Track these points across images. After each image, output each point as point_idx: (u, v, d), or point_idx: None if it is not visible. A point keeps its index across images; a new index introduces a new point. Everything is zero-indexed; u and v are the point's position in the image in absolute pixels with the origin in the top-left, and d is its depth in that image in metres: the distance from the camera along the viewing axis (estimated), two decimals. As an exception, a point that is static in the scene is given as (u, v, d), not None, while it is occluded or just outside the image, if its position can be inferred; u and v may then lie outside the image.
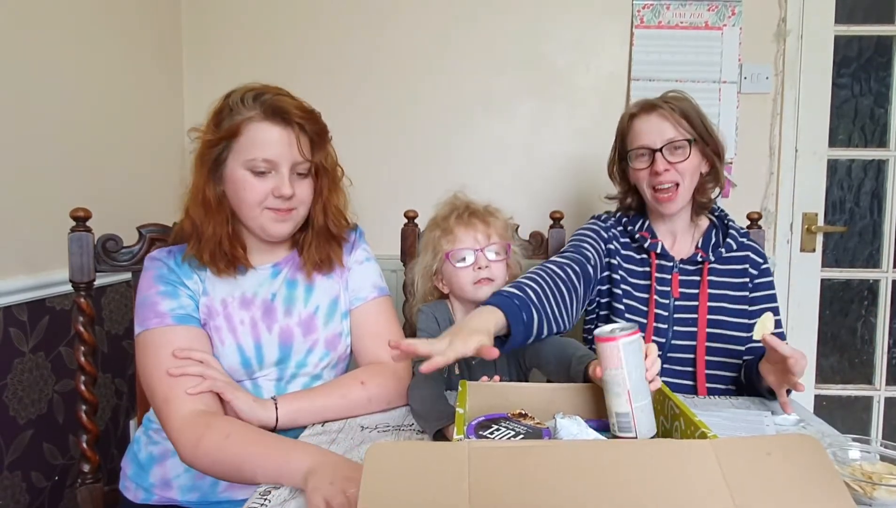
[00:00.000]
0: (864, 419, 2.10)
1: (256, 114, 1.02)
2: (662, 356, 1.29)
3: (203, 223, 1.04)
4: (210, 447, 0.91)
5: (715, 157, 1.31)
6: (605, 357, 0.82)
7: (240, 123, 1.01)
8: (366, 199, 1.86)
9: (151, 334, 1.00)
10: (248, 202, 1.03)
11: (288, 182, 1.03)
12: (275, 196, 1.03)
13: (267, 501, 0.79)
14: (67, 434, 1.51)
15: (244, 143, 1.02)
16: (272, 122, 1.02)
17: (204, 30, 2.02)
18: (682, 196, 1.28)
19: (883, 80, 2.03)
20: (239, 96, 1.03)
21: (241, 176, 1.03)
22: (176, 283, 1.05)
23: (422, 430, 1.01)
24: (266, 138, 1.02)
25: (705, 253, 1.31)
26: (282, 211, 1.05)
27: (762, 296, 1.31)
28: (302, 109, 1.05)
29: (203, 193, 1.04)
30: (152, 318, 1.01)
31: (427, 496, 0.57)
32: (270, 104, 1.02)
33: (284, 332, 1.09)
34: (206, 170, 1.04)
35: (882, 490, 0.77)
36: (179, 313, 1.02)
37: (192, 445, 0.92)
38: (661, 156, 1.26)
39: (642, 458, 0.61)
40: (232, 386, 1.01)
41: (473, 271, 1.22)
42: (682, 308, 1.30)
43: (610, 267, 1.34)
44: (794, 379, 1.03)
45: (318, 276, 1.16)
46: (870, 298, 2.09)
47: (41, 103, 1.44)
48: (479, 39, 1.99)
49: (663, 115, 1.27)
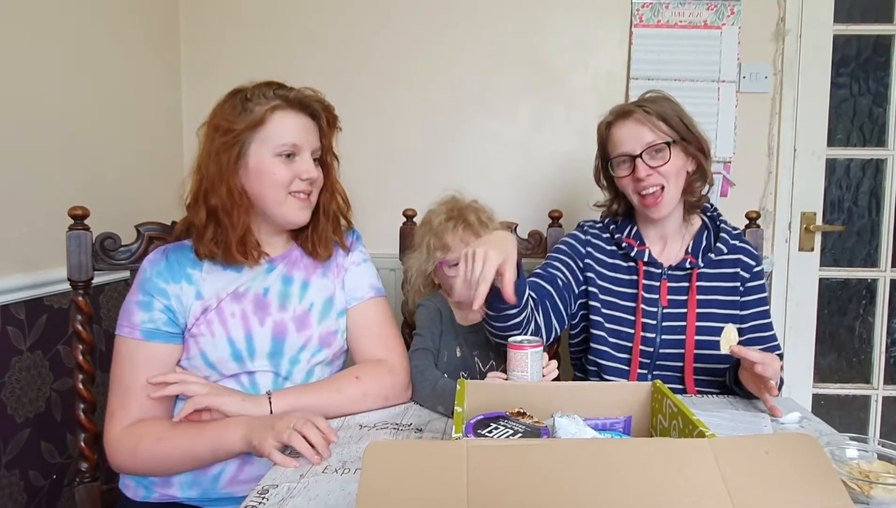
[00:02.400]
0: (861, 418, 2.11)
1: (279, 103, 1.07)
2: (651, 362, 1.28)
3: (231, 214, 1.06)
4: (145, 454, 1.00)
5: (700, 154, 1.28)
6: (513, 361, 1.02)
7: (264, 113, 1.06)
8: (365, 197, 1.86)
9: (122, 341, 1.05)
10: (276, 187, 1.07)
11: (314, 166, 1.10)
12: (301, 179, 1.08)
13: (265, 500, 0.79)
14: (65, 433, 1.51)
15: (271, 130, 1.06)
16: (295, 110, 1.09)
17: (202, 28, 2.02)
18: (670, 199, 1.26)
19: (881, 79, 2.03)
20: (256, 90, 1.08)
21: (268, 162, 1.07)
22: (154, 292, 1.06)
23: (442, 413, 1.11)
24: (292, 125, 1.08)
25: (695, 258, 1.29)
26: (304, 197, 1.10)
27: (753, 300, 1.29)
28: (319, 99, 1.13)
29: (228, 184, 1.06)
30: (125, 326, 1.06)
31: (425, 494, 0.57)
32: (291, 94, 1.09)
33: (278, 326, 1.10)
34: (228, 162, 1.06)
35: (879, 488, 0.78)
36: (148, 328, 1.04)
37: (129, 454, 1.00)
38: (642, 161, 1.24)
39: (640, 457, 0.61)
40: (214, 393, 1.02)
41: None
42: (670, 316, 1.28)
43: (587, 281, 1.33)
44: (769, 383, 1.05)
45: (314, 274, 1.16)
46: (868, 297, 2.09)
47: (39, 101, 1.44)
48: (477, 38, 1.98)
49: (639, 119, 1.25)
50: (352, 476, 0.86)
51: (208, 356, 1.05)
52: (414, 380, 1.17)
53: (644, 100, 1.30)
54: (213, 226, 1.07)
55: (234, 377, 1.07)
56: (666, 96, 1.30)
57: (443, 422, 1.07)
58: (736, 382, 1.16)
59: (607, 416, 0.91)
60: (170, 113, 1.98)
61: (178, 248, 1.11)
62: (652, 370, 1.29)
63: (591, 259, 1.34)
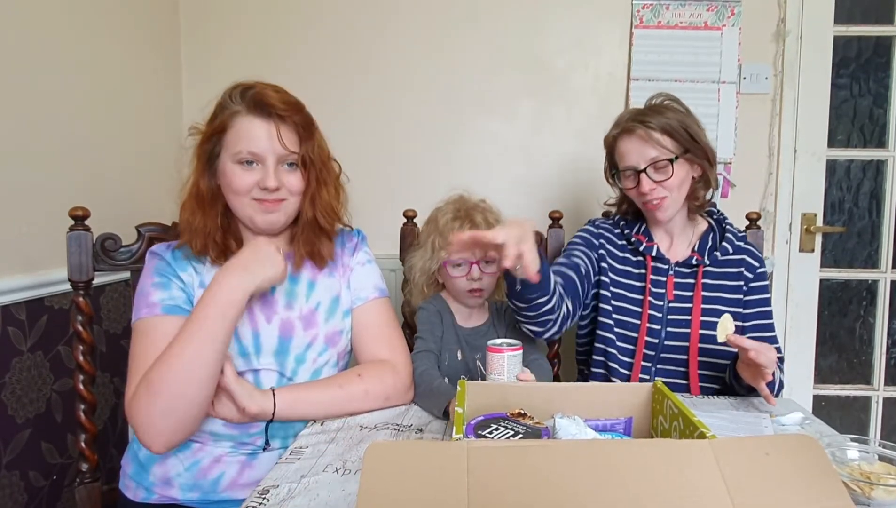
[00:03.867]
0: (862, 420, 2.10)
1: (242, 108, 1.06)
2: (655, 355, 1.31)
3: (195, 215, 1.08)
4: (158, 384, 0.95)
5: (705, 162, 1.31)
6: (490, 363, 1.04)
7: (227, 118, 1.06)
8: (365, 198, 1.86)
9: (142, 323, 1.04)
10: (235, 193, 1.07)
11: (273, 174, 1.06)
12: (260, 188, 1.06)
13: (265, 500, 0.79)
14: (66, 434, 1.51)
15: (232, 137, 1.06)
16: (255, 115, 1.05)
17: (202, 28, 2.02)
18: (672, 206, 1.30)
19: (882, 80, 2.03)
20: (229, 92, 1.08)
21: (230, 169, 1.06)
22: (170, 275, 1.07)
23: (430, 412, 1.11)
24: (250, 132, 1.05)
25: (701, 256, 1.32)
26: (267, 202, 1.08)
27: (756, 300, 1.32)
28: (286, 102, 1.07)
29: (197, 186, 1.08)
30: (143, 308, 1.04)
31: (426, 495, 0.57)
32: (254, 98, 1.05)
33: (285, 324, 1.10)
34: (200, 164, 1.08)
35: (880, 489, 0.78)
36: (169, 304, 1.04)
37: (146, 398, 0.96)
38: (646, 176, 1.27)
39: (641, 458, 0.61)
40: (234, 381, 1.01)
41: (467, 280, 1.29)
42: (676, 310, 1.31)
43: (601, 271, 1.37)
44: (764, 371, 1.07)
45: (320, 273, 1.17)
46: (868, 298, 2.09)
47: (39, 101, 1.44)
48: (478, 39, 1.98)
49: (641, 137, 1.27)
50: (352, 476, 0.86)
51: None
52: (416, 383, 1.17)
53: (649, 110, 1.30)
54: (190, 226, 1.09)
55: (241, 376, 1.07)
56: (672, 104, 1.31)
57: (443, 423, 1.07)
58: (736, 377, 1.18)
59: (608, 417, 0.91)
60: (170, 113, 1.98)
61: (180, 244, 1.12)
62: (656, 363, 1.31)
63: (603, 250, 1.38)
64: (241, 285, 1.00)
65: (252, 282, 1.01)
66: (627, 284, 1.35)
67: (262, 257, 1.03)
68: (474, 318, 1.36)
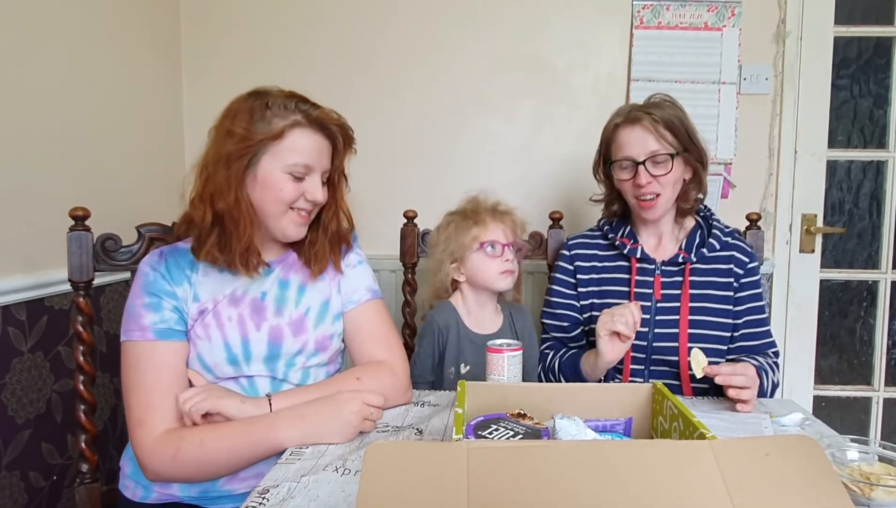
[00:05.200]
0: (862, 420, 2.10)
1: (300, 120, 1.05)
2: (646, 357, 1.31)
3: (238, 224, 1.04)
4: (187, 457, 0.96)
5: (698, 164, 1.32)
6: (490, 364, 1.07)
7: (284, 127, 1.03)
8: (365, 199, 1.86)
9: (133, 346, 1.03)
10: (279, 202, 1.06)
11: (321, 188, 1.09)
12: (307, 200, 1.08)
13: (265, 500, 0.79)
14: (66, 434, 1.51)
15: (287, 146, 1.04)
16: (314, 129, 1.07)
17: (202, 28, 2.02)
18: (664, 204, 1.30)
19: (882, 81, 2.03)
20: (278, 100, 1.05)
21: (277, 177, 1.05)
22: (161, 294, 1.04)
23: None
24: (308, 145, 1.06)
25: (687, 254, 1.32)
26: (304, 215, 1.10)
27: (747, 296, 1.32)
28: (338, 122, 1.11)
29: (237, 193, 1.04)
30: (135, 330, 1.03)
31: (426, 496, 0.57)
32: (313, 113, 1.07)
33: (274, 331, 1.10)
34: (239, 170, 1.04)
35: (880, 490, 0.77)
36: (161, 328, 1.03)
37: (170, 459, 0.97)
38: (644, 169, 1.27)
39: (641, 458, 0.61)
40: (214, 396, 1.00)
41: (502, 261, 1.30)
42: (664, 310, 1.31)
43: (582, 291, 1.39)
44: (742, 395, 1.10)
45: (310, 278, 1.16)
46: (869, 299, 2.09)
47: (40, 102, 1.44)
48: (478, 40, 1.98)
49: (647, 127, 1.27)
50: (352, 476, 0.86)
51: (205, 359, 1.05)
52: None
53: (652, 105, 1.31)
54: (218, 231, 1.05)
55: (234, 380, 1.07)
56: (672, 102, 1.32)
57: (443, 423, 1.07)
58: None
59: (608, 418, 0.91)
60: (170, 113, 1.98)
61: (173, 251, 1.10)
62: (649, 365, 1.31)
63: (580, 261, 1.41)
64: (298, 435, 0.97)
65: (308, 439, 0.97)
66: (614, 289, 1.36)
67: (341, 423, 0.99)
68: (489, 324, 1.36)
